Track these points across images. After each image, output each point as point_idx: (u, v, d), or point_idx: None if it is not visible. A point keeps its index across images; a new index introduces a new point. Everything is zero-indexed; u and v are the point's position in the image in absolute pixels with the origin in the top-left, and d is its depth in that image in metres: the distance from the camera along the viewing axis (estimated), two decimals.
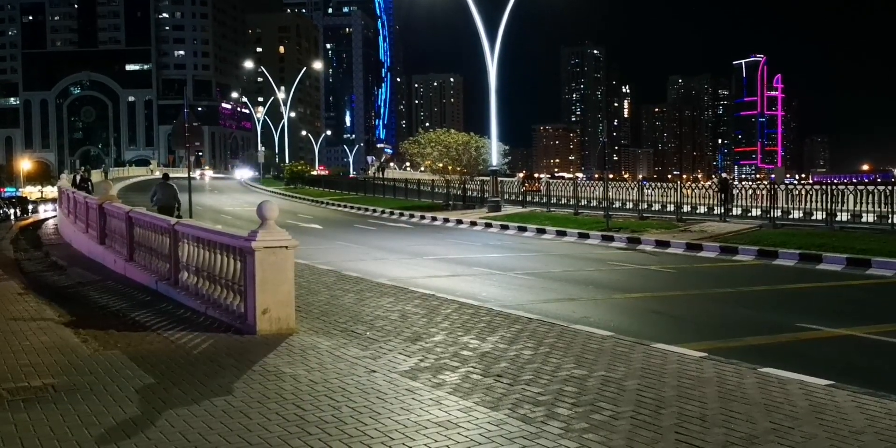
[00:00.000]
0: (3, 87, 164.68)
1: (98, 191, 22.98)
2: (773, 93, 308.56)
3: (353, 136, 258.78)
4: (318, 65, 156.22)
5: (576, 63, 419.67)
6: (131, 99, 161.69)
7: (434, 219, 32.55)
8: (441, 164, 40.82)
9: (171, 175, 25.53)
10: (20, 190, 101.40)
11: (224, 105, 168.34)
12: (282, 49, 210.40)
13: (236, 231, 10.54)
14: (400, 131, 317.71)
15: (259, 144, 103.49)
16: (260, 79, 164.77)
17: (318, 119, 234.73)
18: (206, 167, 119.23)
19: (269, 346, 8.10)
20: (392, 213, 36.43)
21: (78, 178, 40.84)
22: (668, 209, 27.86)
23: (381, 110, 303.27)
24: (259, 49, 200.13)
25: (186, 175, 25.76)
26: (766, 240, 19.81)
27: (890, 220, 20.95)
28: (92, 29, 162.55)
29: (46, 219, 36.81)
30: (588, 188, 34.74)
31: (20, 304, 11.04)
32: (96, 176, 56.37)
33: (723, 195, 27.32)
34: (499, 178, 35.78)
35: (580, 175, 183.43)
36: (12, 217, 43.38)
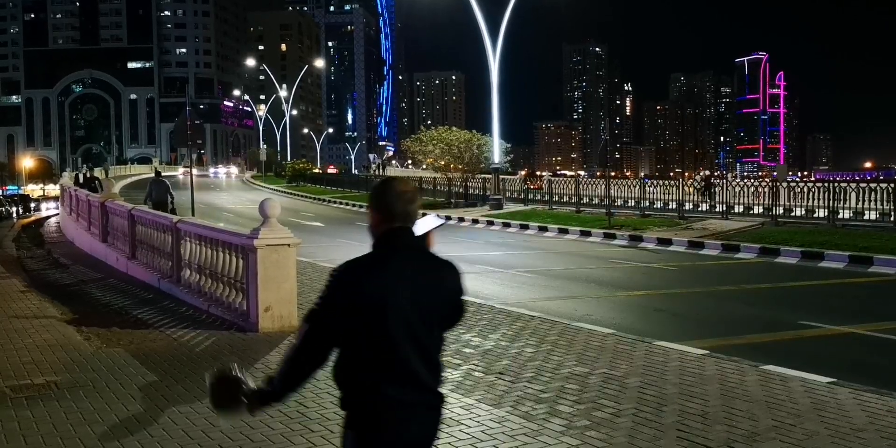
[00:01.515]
0: (4, 85, 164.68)
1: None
2: (775, 90, 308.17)
3: (355, 133, 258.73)
4: (319, 62, 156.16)
5: (578, 61, 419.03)
6: (133, 97, 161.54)
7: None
8: (443, 162, 40.78)
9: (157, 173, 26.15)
10: (22, 188, 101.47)
11: (226, 103, 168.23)
12: (283, 47, 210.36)
13: (238, 229, 10.56)
14: (402, 129, 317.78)
15: (261, 142, 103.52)
16: (262, 77, 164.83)
17: (320, 117, 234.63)
18: (188, 164, 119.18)
19: (271, 343, 8.11)
20: None
21: (81, 176, 40.77)
22: (670, 207, 27.83)
23: (383, 108, 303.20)
24: (261, 47, 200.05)
25: (174, 174, 26.08)
26: (768, 237, 19.79)
27: (892, 218, 20.94)
28: (94, 27, 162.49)
29: (48, 217, 36.88)
30: (590, 186, 34.70)
31: (23, 301, 11.06)
32: (97, 174, 56.36)
33: (706, 193, 27.20)
34: (500, 176, 35.76)
35: (582, 173, 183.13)
36: (14, 215, 43.42)
